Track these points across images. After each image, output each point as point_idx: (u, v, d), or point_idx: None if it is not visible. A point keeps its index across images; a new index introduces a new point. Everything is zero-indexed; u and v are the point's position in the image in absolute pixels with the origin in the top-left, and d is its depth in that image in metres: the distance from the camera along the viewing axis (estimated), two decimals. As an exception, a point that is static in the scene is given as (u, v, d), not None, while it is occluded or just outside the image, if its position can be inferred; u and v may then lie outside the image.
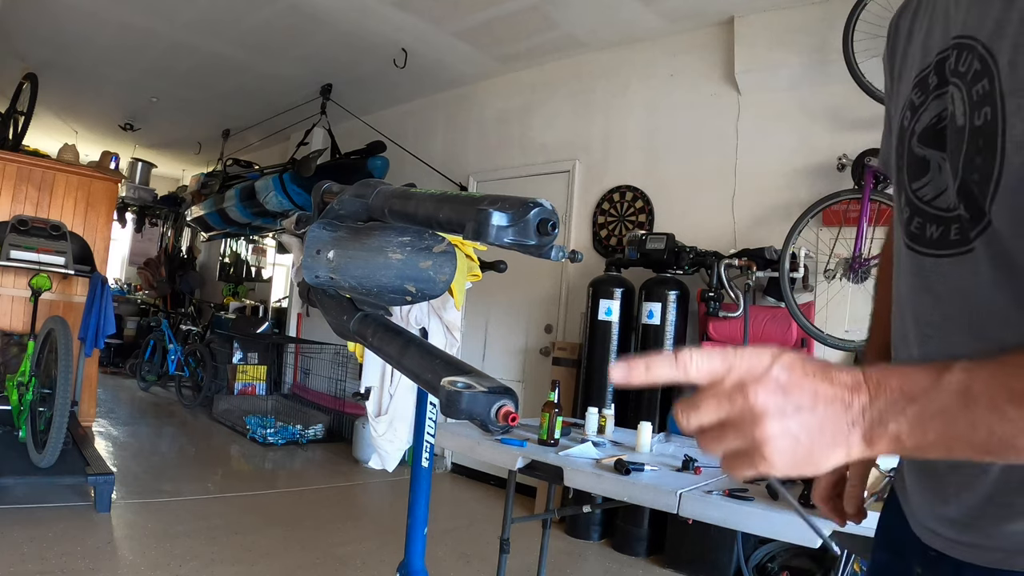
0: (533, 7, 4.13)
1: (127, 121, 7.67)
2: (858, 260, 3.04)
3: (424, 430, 1.79)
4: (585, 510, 2.93)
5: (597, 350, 3.88)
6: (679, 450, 2.26)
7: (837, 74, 3.33)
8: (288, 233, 1.55)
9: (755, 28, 3.81)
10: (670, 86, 4.30)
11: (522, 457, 2.08)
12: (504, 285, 4.56)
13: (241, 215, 6.26)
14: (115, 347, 8.55)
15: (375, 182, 1.01)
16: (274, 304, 8.22)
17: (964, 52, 0.62)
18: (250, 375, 6.95)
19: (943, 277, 0.66)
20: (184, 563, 2.91)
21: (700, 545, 3.27)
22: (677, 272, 3.73)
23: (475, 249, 1.99)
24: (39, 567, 2.67)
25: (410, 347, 0.88)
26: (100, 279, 4.61)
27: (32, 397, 3.69)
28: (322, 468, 5.03)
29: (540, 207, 0.69)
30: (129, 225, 9.94)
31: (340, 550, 3.31)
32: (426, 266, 0.98)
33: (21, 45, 5.46)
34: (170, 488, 4.00)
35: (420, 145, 5.67)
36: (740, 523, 1.66)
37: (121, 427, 5.58)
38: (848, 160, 3.29)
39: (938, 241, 0.67)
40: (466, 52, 4.91)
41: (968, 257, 0.63)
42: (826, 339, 3.12)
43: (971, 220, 0.61)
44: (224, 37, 5.04)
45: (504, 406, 0.70)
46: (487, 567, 3.15)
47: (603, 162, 4.62)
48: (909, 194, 0.72)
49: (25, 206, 4.85)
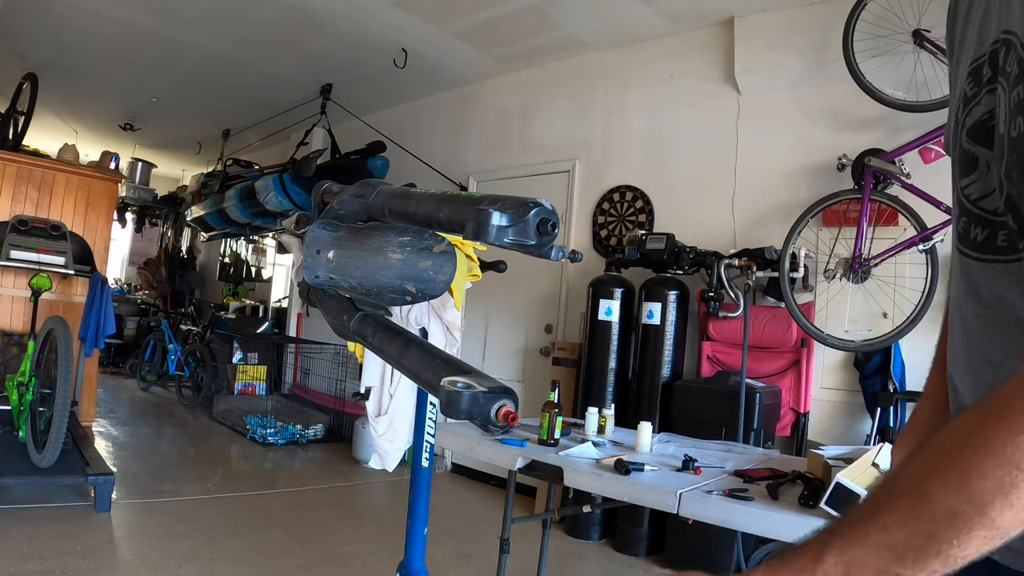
0: (533, 7, 4.13)
1: (127, 121, 7.67)
2: (858, 260, 3.04)
3: (424, 430, 1.79)
4: (585, 510, 2.93)
5: (597, 350, 3.88)
6: (679, 450, 2.26)
7: (837, 74, 3.33)
8: (288, 233, 1.55)
9: (755, 28, 3.81)
10: (670, 86, 4.30)
11: (522, 457, 2.08)
12: (504, 285, 4.56)
13: (241, 215, 6.26)
14: (115, 347, 8.55)
15: (375, 182, 1.01)
16: (274, 304, 8.22)
17: (1009, 50, 0.58)
18: (250, 375, 6.95)
19: (988, 283, 0.64)
20: (184, 563, 2.91)
21: (700, 545, 3.27)
22: (677, 272, 3.73)
23: (475, 249, 1.99)
24: (39, 567, 2.67)
25: (410, 347, 0.88)
26: (100, 279, 4.61)
27: (32, 397, 3.69)
28: (322, 468, 5.03)
29: (540, 207, 0.69)
30: (129, 225, 9.94)
31: (340, 550, 3.31)
32: (426, 266, 0.98)
33: (21, 45, 5.46)
34: (170, 488, 4.00)
35: (420, 145, 5.67)
36: (740, 523, 1.66)
37: (121, 427, 5.58)
38: (848, 160, 3.29)
39: (983, 244, 0.64)
40: (466, 52, 4.91)
41: (1015, 266, 0.60)
42: (826, 339, 3.12)
43: (1019, 231, 0.58)
44: (224, 37, 5.04)
45: (504, 406, 0.70)
46: (487, 567, 3.15)
47: (603, 162, 4.62)
48: (958, 191, 0.68)
49: (25, 206, 4.85)
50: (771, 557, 0.54)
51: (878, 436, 3.11)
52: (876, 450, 1.70)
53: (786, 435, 3.51)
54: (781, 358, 3.54)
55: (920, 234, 2.91)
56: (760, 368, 3.53)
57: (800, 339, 3.48)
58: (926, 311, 2.84)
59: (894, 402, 3.16)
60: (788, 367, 3.53)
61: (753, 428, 3.21)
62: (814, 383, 3.51)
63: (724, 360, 3.64)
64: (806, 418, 3.47)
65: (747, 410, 3.19)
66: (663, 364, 3.66)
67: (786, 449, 3.44)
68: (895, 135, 3.27)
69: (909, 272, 3.11)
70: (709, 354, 3.70)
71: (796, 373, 3.50)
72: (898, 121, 3.26)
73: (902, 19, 3.09)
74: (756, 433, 3.22)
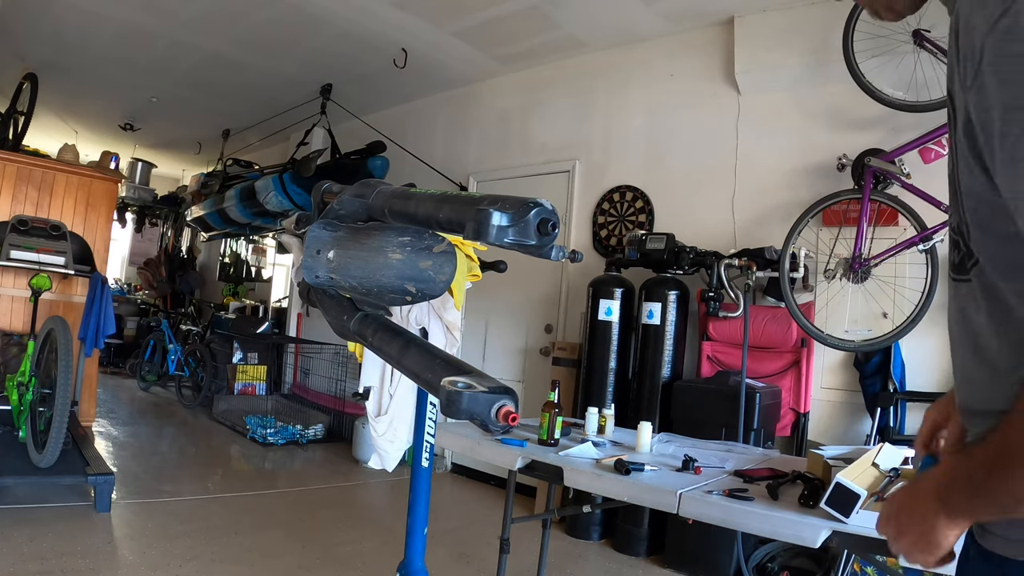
0: (533, 7, 4.13)
1: (127, 121, 7.67)
2: (858, 260, 3.04)
3: (424, 430, 1.79)
4: (585, 510, 2.93)
5: (597, 350, 3.88)
6: (679, 450, 2.26)
7: (837, 74, 3.33)
8: (288, 233, 1.55)
9: (755, 28, 3.81)
10: (670, 86, 4.30)
11: (522, 457, 2.08)
12: (504, 285, 4.56)
13: (241, 215, 6.26)
14: (115, 347, 8.55)
15: (375, 182, 1.01)
16: (274, 304, 8.22)
17: (953, 101, 0.67)
18: (250, 375, 6.94)
19: (956, 299, 0.74)
20: (184, 563, 2.91)
21: (700, 545, 3.27)
22: (677, 272, 3.73)
23: (475, 249, 1.99)
24: (39, 567, 2.67)
25: (410, 347, 0.88)
26: (100, 279, 4.61)
27: (32, 397, 3.69)
28: (322, 468, 5.03)
29: (540, 207, 0.69)
30: (129, 225, 9.94)
31: (340, 550, 3.31)
32: (426, 266, 0.98)
33: (21, 45, 5.46)
34: (170, 488, 4.00)
35: (420, 145, 5.67)
36: (740, 523, 1.65)
37: (121, 427, 5.58)
38: (848, 160, 3.29)
39: (957, 266, 0.73)
40: (466, 52, 4.91)
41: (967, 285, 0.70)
42: (826, 339, 3.12)
43: (967, 253, 0.69)
44: (224, 37, 5.04)
45: (504, 406, 0.70)
46: (487, 567, 3.15)
47: (603, 162, 4.62)
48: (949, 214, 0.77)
49: (25, 206, 4.85)
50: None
51: (878, 436, 3.11)
52: (876, 450, 1.70)
53: (786, 435, 3.51)
54: (781, 358, 3.54)
55: (920, 234, 2.91)
56: (760, 368, 3.53)
57: (800, 339, 3.48)
58: (926, 311, 2.84)
59: (894, 402, 3.16)
60: (788, 367, 3.53)
61: (753, 428, 3.21)
62: (814, 383, 3.51)
63: (724, 360, 3.64)
64: (806, 418, 3.47)
65: (747, 410, 3.19)
66: (663, 364, 3.66)
67: (786, 449, 3.45)
68: (895, 135, 3.27)
69: (909, 272, 3.11)
70: (709, 354, 3.70)
71: (796, 373, 3.50)
72: (898, 121, 3.26)
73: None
74: (756, 433, 3.22)
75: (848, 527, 1.47)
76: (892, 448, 1.72)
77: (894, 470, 1.65)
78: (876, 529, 0.83)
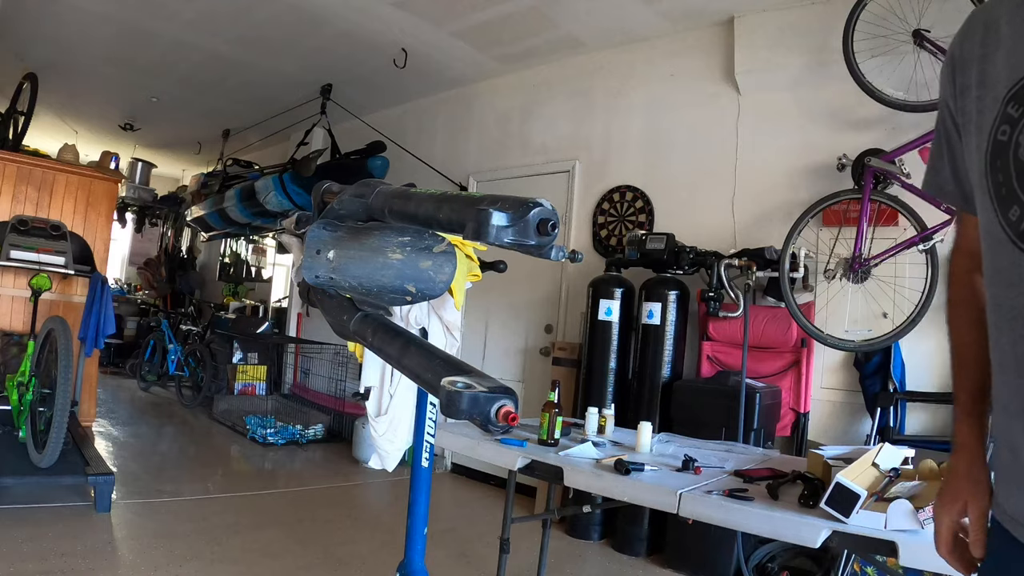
0: (533, 7, 4.13)
1: (127, 121, 7.67)
2: (858, 260, 3.04)
3: (424, 430, 1.79)
4: (585, 510, 2.93)
5: (597, 350, 3.87)
6: (679, 450, 2.26)
7: (837, 74, 3.33)
8: (288, 233, 1.55)
9: (755, 28, 3.81)
10: (670, 86, 4.30)
11: (522, 457, 2.08)
12: (504, 285, 4.56)
13: (241, 215, 6.25)
14: (115, 347, 8.54)
15: (375, 182, 1.01)
16: (274, 304, 8.22)
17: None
18: (250, 375, 6.94)
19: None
20: (184, 563, 2.91)
21: (700, 545, 3.27)
22: (677, 272, 3.73)
23: (475, 249, 1.98)
24: (39, 567, 2.67)
25: (410, 347, 0.88)
26: (100, 279, 4.61)
27: (32, 397, 3.69)
28: (322, 468, 5.03)
29: (540, 207, 0.69)
30: (129, 225, 9.94)
31: (340, 550, 3.31)
32: (426, 266, 0.98)
33: (21, 45, 5.46)
34: (170, 488, 4.00)
35: (420, 145, 5.67)
36: (740, 523, 1.66)
37: (121, 427, 5.58)
38: (848, 160, 3.29)
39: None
40: (466, 52, 4.91)
41: None
42: (826, 339, 3.12)
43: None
44: (224, 36, 5.04)
45: (504, 406, 0.70)
46: (487, 567, 3.15)
47: (603, 162, 4.62)
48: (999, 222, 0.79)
49: (25, 206, 4.85)
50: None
51: (878, 436, 3.11)
52: (876, 450, 1.70)
53: (786, 435, 3.51)
54: (781, 358, 3.54)
55: (920, 234, 2.91)
56: (760, 368, 3.53)
57: (800, 339, 3.48)
58: (926, 311, 2.84)
59: (894, 402, 3.16)
60: (788, 367, 3.53)
61: (753, 428, 3.21)
62: (814, 383, 3.51)
63: (724, 360, 3.64)
64: (806, 418, 3.47)
65: (747, 410, 3.19)
66: (663, 364, 3.66)
67: (786, 449, 3.44)
68: (895, 135, 3.27)
69: (909, 272, 3.10)
70: (709, 354, 3.70)
71: (796, 373, 3.50)
72: (898, 121, 3.26)
73: (902, 19, 3.09)
74: (756, 433, 3.22)
75: (848, 527, 1.47)
76: (892, 448, 1.72)
77: (894, 470, 1.65)
78: None
